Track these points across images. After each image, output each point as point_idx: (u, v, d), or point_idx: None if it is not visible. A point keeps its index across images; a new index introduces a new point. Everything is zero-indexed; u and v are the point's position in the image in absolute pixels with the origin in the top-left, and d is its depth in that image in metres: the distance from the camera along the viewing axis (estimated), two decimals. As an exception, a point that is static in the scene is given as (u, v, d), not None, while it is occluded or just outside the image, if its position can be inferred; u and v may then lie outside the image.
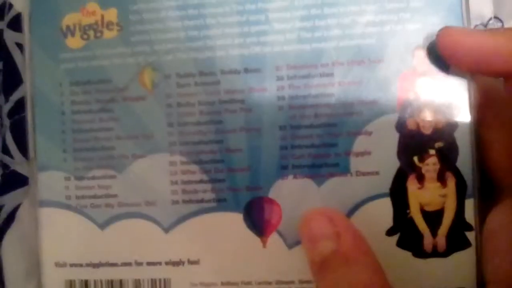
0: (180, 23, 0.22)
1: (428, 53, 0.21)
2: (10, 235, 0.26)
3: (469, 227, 0.21)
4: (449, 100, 0.21)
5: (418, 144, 0.21)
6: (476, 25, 0.23)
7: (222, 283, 0.22)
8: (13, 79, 0.26)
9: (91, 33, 0.23)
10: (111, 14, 0.23)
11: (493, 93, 0.20)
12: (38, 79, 0.24)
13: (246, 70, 0.22)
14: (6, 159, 0.26)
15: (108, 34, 0.23)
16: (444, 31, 0.19)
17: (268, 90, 0.22)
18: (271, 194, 0.22)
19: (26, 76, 0.24)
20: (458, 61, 0.19)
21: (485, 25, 0.23)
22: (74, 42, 0.23)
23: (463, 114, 0.21)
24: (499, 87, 0.19)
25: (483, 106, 0.20)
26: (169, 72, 0.23)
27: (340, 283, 0.18)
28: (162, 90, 0.23)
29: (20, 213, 0.26)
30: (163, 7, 0.23)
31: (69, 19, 0.23)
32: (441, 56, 0.20)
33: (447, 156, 0.21)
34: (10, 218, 0.26)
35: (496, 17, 0.23)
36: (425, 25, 0.21)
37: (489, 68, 0.18)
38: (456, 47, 0.19)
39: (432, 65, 0.21)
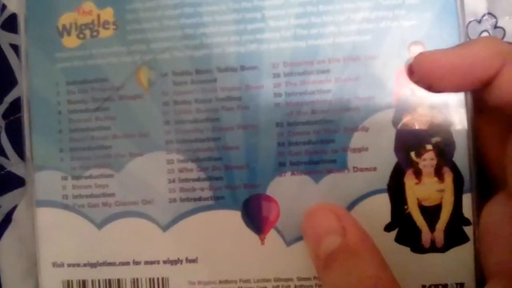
0: (176, 21, 0.22)
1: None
2: (7, 237, 0.25)
3: (467, 222, 0.21)
4: (445, 95, 0.21)
5: (415, 139, 0.21)
6: (470, 22, 0.23)
7: (220, 281, 0.22)
8: (8, 80, 0.26)
9: (87, 32, 0.23)
10: (107, 13, 0.23)
11: None
12: (34, 79, 0.23)
13: (243, 68, 0.22)
14: (1, 160, 0.26)
15: (104, 33, 0.23)
16: (419, 57, 0.20)
17: (264, 87, 0.22)
18: (269, 191, 0.22)
19: (22, 75, 0.24)
20: (438, 81, 0.19)
21: (479, 21, 0.24)
22: (70, 41, 0.23)
23: (459, 109, 0.21)
24: None
25: (479, 101, 0.21)
26: (166, 70, 0.23)
27: (348, 278, 0.18)
28: (159, 88, 0.23)
29: (16, 215, 0.25)
30: (159, 6, 0.23)
31: (65, 19, 0.23)
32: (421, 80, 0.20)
33: (444, 151, 0.21)
34: (7, 219, 0.26)
35: (490, 13, 0.23)
36: (420, 21, 0.21)
37: (459, 83, 0.19)
38: (433, 69, 0.19)
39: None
